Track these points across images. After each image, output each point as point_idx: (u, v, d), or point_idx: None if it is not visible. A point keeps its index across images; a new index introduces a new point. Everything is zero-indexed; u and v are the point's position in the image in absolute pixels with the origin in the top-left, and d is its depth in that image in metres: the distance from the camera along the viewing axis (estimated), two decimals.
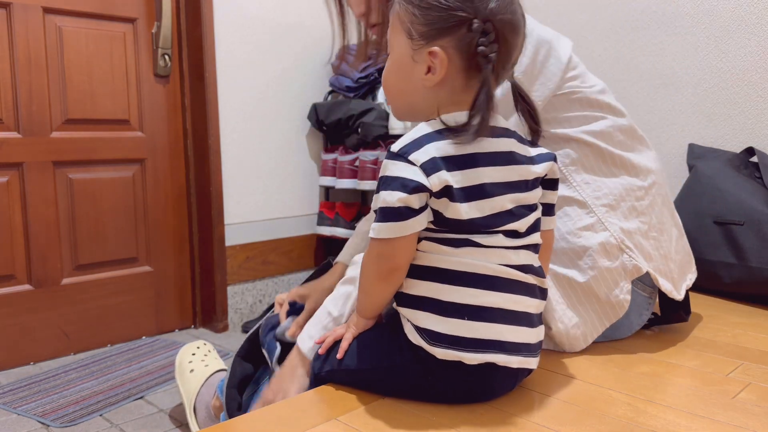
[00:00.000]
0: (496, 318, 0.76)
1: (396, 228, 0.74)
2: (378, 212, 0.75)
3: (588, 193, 1.01)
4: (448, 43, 0.75)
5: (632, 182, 1.04)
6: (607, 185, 1.02)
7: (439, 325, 0.75)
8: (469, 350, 0.75)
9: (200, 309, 2.13)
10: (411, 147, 0.74)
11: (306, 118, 2.30)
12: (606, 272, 0.99)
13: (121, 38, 1.92)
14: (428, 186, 0.72)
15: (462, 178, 0.74)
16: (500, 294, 0.76)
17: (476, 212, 0.75)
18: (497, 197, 0.76)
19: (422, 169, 0.72)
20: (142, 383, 1.62)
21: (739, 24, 1.61)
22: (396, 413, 0.78)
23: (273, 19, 2.18)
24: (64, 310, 1.85)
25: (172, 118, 2.05)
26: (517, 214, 0.78)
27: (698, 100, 1.69)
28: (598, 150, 1.03)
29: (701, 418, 0.77)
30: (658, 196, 1.08)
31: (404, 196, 0.72)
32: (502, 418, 0.77)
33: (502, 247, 0.77)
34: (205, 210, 2.06)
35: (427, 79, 0.77)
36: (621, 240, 0.99)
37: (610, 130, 1.05)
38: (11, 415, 1.45)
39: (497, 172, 0.77)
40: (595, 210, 1.00)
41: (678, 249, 1.12)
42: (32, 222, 1.78)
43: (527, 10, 0.81)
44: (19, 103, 1.74)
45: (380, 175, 0.76)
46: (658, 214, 1.06)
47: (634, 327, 1.07)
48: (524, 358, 0.79)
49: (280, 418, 0.78)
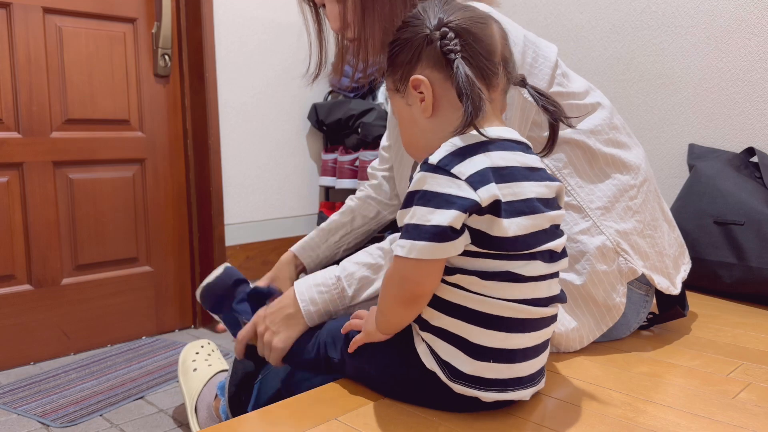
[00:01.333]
0: (520, 358, 0.74)
1: (434, 250, 0.67)
2: (411, 229, 0.68)
3: (582, 197, 1.00)
4: (422, 67, 0.76)
5: (624, 181, 1.03)
6: (600, 188, 1.01)
7: (464, 364, 0.72)
8: (488, 390, 0.73)
9: (200, 309, 2.13)
10: (451, 159, 0.69)
11: (306, 118, 2.30)
12: (603, 275, 0.98)
13: (121, 38, 1.92)
14: (479, 202, 0.66)
15: (508, 191, 0.70)
16: (528, 335, 0.74)
17: (520, 230, 0.70)
18: (539, 215, 0.72)
19: (469, 183, 0.67)
20: (142, 383, 1.62)
21: (739, 24, 1.60)
22: (396, 413, 0.78)
23: (273, 19, 2.19)
24: (64, 310, 1.85)
25: (172, 118, 2.05)
26: (551, 234, 0.75)
27: (698, 100, 1.69)
28: (589, 151, 1.02)
29: (701, 418, 0.77)
30: (650, 193, 1.07)
31: (450, 216, 0.65)
32: (502, 417, 0.77)
33: (539, 278, 0.73)
34: (205, 210, 2.06)
35: (425, 110, 0.76)
36: (617, 243, 0.99)
37: (599, 128, 1.04)
38: (11, 415, 1.45)
39: (536, 187, 0.73)
40: (589, 213, 1.00)
41: (671, 242, 1.11)
42: (32, 222, 1.78)
43: (528, 10, 0.81)
44: (19, 103, 1.74)
45: (415, 189, 0.69)
46: (651, 210, 1.06)
47: (632, 326, 1.07)
48: (537, 386, 0.78)
49: (280, 418, 0.78)
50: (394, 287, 0.72)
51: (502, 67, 0.76)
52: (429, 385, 0.76)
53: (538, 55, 0.97)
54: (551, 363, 0.96)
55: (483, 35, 0.74)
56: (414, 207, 0.68)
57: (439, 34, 0.74)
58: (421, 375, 0.75)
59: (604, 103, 1.08)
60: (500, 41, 0.76)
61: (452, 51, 0.72)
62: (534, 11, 1.99)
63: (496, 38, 0.76)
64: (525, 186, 0.72)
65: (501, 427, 0.75)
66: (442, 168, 0.68)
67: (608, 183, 1.02)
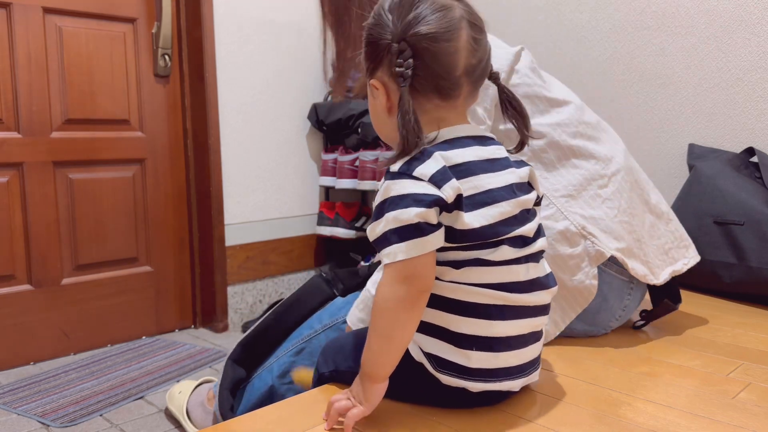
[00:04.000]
0: (505, 347, 0.75)
1: (419, 245, 0.69)
2: (389, 235, 0.70)
3: (546, 186, 1.04)
4: (383, 73, 0.77)
5: (593, 171, 1.05)
6: (566, 177, 1.04)
7: (447, 353, 0.74)
8: (475, 380, 0.74)
9: (200, 309, 2.13)
10: (411, 164, 0.72)
11: (306, 118, 2.30)
12: (567, 258, 1.01)
13: (121, 38, 1.92)
14: (444, 198, 0.70)
15: (468, 185, 0.73)
16: (510, 323, 0.75)
17: (483, 220, 0.73)
18: (504, 202, 0.75)
19: (432, 182, 0.70)
20: (142, 383, 1.62)
21: (739, 24, 1.61)
22: (396, 413, 0.78)
23: (273, 19, 2.18)
24: (64, 310, 1.85)
25: (172, 118, 2.05)
26: (522, 219, 0.77)
27: (698, 100, 1.69)
28: (555, 143, 1.05)
29: (701, 418, 0.77)
30: (625, 182, 1.09)
31: (422, 211, 0.69)
32: (502, 418, 0.77)
33: (511, 262, 0.75)
34: (205, 210, 2.06)
35: (384, 109, 0.79)
36: (582, 227, 1.01)
37: (566, 121, 1.07)
38: (11, 415, 1.45)
39: (500, 176, 0.76)
40: (554, 201, 1.03)
41: (659, 234, 1.12)
42: (32, 222, 1.78)
43: (528, 10, 0.82)
44: (19, 103, 1.74)
45: (382, 199, 0.72)
46: (627, 199, 1.08)
47: (616, 312, 1.07)
48: (527, 377, 0.79)
49: (280, 418, 0.78)
50: (398, 292, 0.70)
51: (466, 77, 0.76)
52: (418, 378, 0.77)
53: None
54: (552, 363, 0.96)
55: (444, 52, 0.74)
56: (386, 215, 0.70)
57: (397, 48, 0.74)
58: (410, 367, 0.76)
59: (573, 100, 1.11)
60: (465, 52, 0.75)
61: (403, 77, 0.73)
62: (534, 11, 1.99)
63: (460, 53, 0.74)
64: (484, 178, 0.75)
65: (500, 426, 0.75)
66: (404, 173, 0.72)
67: (574, 172, 1.05)
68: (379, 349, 0.72)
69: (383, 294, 0.71)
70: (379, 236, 0.71)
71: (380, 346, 0.72)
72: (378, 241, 0.71)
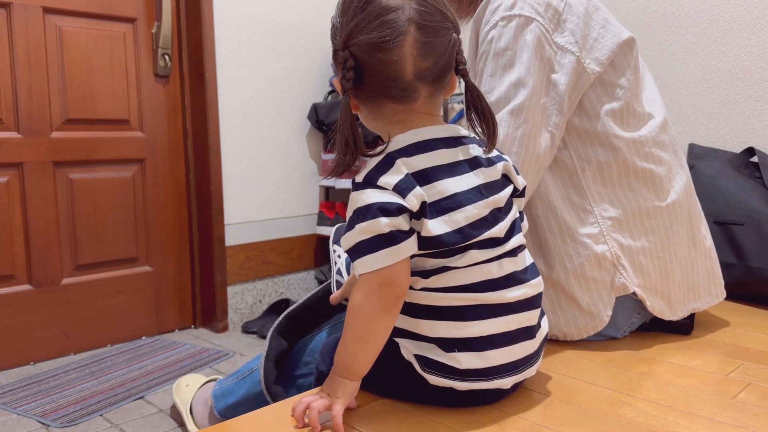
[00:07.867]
0: (491, 345, 0.74)
1: (392, 253, 0.69)
2: (363, 245, 0.69)
3: (597, 204, 0.99)
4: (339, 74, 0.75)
5: (649, 199, 1.00)
6: (620, 199, 0.99)
7: (435, 356, 0.73)
8: (462, 380, 0.74)
9: (200, 309, 2.13)
10: (374, 174, 0.72)
11: (306, 118, 2.30)
12: (592, 282, 0.98)
13: (121, 38, 1.92)
14: (409, 207, 0.69)
15: (432, 191, 0.71)
16: (490, 321, 0.73)
17: (447, 226, 0.71)
18: (469, 206, 0.73)
19: (396, 192, 0.70)
20: (142, 383, 1.62)
21: (739, 24, 1.60)
22: (396, 413, 0.78)
23: (273, 19, 2.19)
24: (64, 310, 1.85)
25: (172, 118, 2.05)
26: (492, 220, 0.75)
27: (698, 100, 1.69)
28: (624, 162, 0.99)
29: (701, 418, 0.77)
30: (676, 217, 1.03)
31: (392, 220, 0.68)
32: (502, 418, 0.77)
33: (481, 263, 0.73)
34: (205, 210, 2.06)
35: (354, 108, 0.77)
36: (617, 257, 0.98)
37: (642, 138, 1.01)
38: (11, 415, 1.45)
39: (466, 179, 0.74)
40: (599, 221, 0.99)
41: (691, 270, 1.07)
42: (32, 222, 1.78)
43: None
44: (19, 103, 1.74)
45: (351, 210, 0.72)
46: (671, 234, 1.03)
47: (621, 327, 1.07)
48: (520, 374, 0.78)
49: (280, 418, 0.78)
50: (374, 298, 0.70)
51: (420, 81, 0.73)
52: (406, 377, 0.77)
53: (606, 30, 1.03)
54: (551, 363, 0.96)
55: (384, 62, 0.71)
56: (356, 226, 0.70)
57: (341, 57, 0.72)
58: (399, 366, 0.76)
59: (657, 115, 1.05)
60: (412, 58, 0.71)
61: (344, 90, 0.72)
62: None
63: (404, 59, 0.71)
64: (449, 183, 0.73)
65: (501, 426, 0.75)
66: (368, 183, 0.71)
67: (630, 196, 1.00)
68: (355, 350, 0.73)
69: (359, 300, 0.71)
70: (353, 246, 0.71)
71: (356, 347, 0.73)
72: (352, 252, 0.71)
